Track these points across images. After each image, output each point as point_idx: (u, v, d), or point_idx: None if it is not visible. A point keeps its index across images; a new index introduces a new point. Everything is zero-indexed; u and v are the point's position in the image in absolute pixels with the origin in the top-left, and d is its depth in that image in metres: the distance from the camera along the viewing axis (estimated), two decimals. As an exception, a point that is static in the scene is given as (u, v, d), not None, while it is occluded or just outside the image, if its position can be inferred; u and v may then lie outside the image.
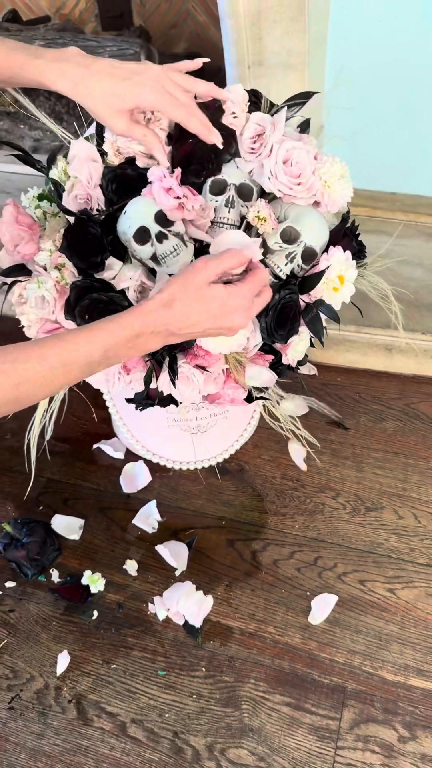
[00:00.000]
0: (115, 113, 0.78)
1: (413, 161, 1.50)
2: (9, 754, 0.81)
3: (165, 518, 1.05)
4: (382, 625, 0.92)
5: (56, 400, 0.92)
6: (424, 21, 1.30)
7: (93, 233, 0.86)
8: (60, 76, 0.77)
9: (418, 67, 1.36)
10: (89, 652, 0.89)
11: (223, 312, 0.70)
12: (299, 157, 0.85)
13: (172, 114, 0.78)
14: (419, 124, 1.44)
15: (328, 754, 0.80)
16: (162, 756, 0.80)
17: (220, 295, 0.69)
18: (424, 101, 1.41)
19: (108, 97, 0.77)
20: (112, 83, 0.76)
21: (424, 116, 1.43)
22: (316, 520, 1.04)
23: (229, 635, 0.91)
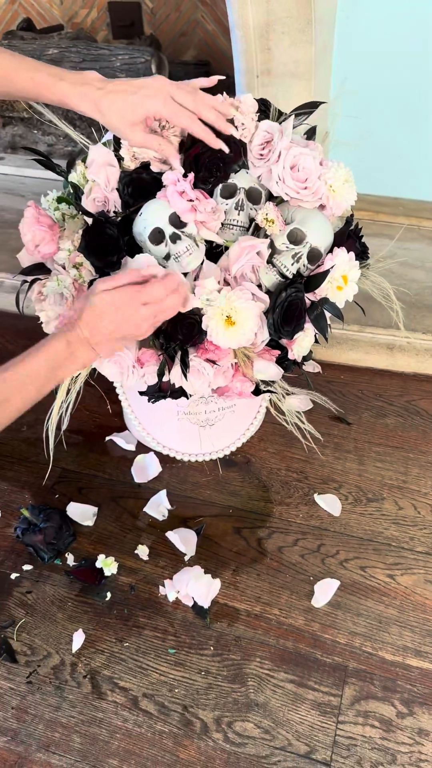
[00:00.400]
0: (130, 126, 0.85)
1: (416, 167, 1.55)
2: (28, 725, 0.86)
3: (174, 507, 1.09)
4: (382, 608, 0.96)
5: (72, 392, 0.97)
6: (426, 32, 1.35)
7: (110, 234, 0.91)
8: (82, 98, 0.85)
9: (420, 76, 1.41)
10: (103, 631, 0.94)
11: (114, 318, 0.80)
12: (306, 163, 0.90)
13: (176, 120, 0.85)
14: (422, 131, 1.49)
15: (330, 728, 0.85)
16: (172, 728, 0.85)
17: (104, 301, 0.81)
18: (426, 109, 1.46)
19: (122, 112, 0.85)
20: (124, 99, 0.84)
21: (426, 123, 1.48)
22: (319, 509, 1.09)
23: (236, 616, 0.95)
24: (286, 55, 1.25)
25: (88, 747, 0.83)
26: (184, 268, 0.89)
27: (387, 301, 1.00)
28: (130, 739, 0.84)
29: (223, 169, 0.91)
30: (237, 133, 0.92)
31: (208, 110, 0.85)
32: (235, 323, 0.87)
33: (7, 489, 1.13)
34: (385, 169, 1.55)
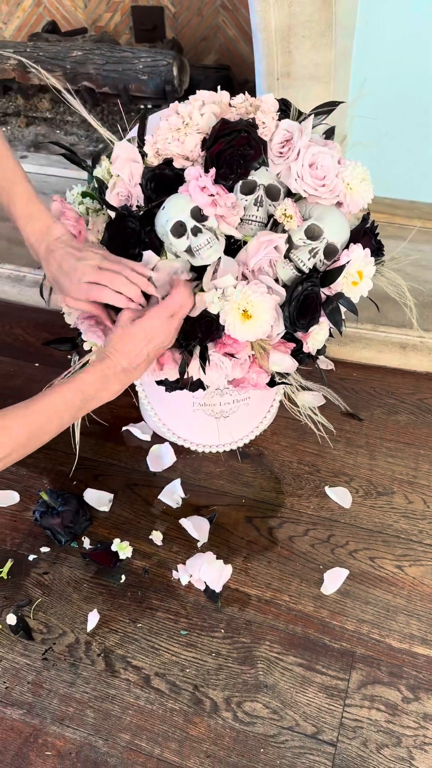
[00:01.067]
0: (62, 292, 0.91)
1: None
2: (43, 699, 0.88)
3: (188, 495, 1.12)
4: (390, 597, 0.98)
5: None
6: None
7: (132, 227, 0.94)
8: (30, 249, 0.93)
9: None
10: (117, 612, 0.96)
11: (148, 337, 0.86)
12: (324, 161, 0.93)
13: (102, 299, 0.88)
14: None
15: (337, 711, 0.87)
16: (183, 706, 0.87)
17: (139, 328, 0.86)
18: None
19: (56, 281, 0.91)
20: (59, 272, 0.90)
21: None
22: (330, 502, 1.11)
23: (247, 601, 0.98)
24: (307, 58, 1.28)
25: (101, 722, 0.86)
26: (205, 260, 0.92)
27: (401, 297, 1.02)
28: (142, 716, 0.87)
29: (243, 166, 0.94)
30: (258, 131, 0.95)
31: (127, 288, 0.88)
32: (251, 316, 0.90)
33: (26, 474, 1.16)
34: (402, 172, 1.58)
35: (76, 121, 2.06)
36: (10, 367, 1.36)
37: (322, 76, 1.33)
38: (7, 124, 2.10)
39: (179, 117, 0.95)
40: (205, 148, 0.94)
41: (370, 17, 1.36)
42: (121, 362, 0.86)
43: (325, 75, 1.33)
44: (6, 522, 1.08)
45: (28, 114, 2.11)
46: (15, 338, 1.44)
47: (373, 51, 1.40)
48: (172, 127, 0.95)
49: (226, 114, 0.98)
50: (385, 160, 1.43)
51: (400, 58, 1.41)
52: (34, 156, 1.91)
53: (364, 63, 1.40)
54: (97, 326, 1.01)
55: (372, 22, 1.38)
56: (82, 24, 2.36)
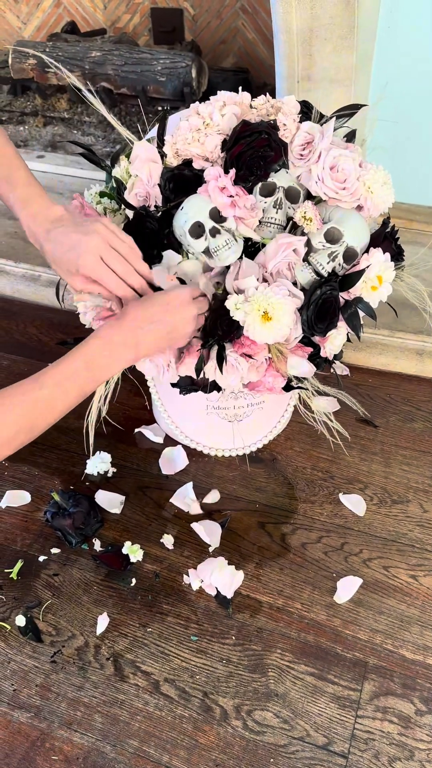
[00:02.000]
0: (67, 274, 0.85)
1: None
2: (51, 702, 0.87)
3: (200, 499, 1.11)
4: (404, 608, 0.97)
5: (110, 384, 1.00)
6: (467, 43, 1.36)
7: (150, 228, 0.94)
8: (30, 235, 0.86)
9: (459, 87, 1.42)
10: (127, 616, 0.95)
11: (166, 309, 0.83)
12: (345, 164, 0.91)
13: (104, 283, 0.85)
14: (458, 141, 1.50)
15: (348, 722, 0.85)
16: (192, 713, 0.86)
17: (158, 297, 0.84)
18: (463, 119, 1.46)
19: (59, 263, 0.85)
20: (61, 252, 0.83)
21: (463, 134, 1.49)
22: (344, 509, 1.10)
23: (258, 608, 0.96)
24: (328, 61, 1.27)
25: (109, 727, 0.85)
26: (223, 261, 0.91)
27: (421, 303, 1.01)
28: (151, 722, 0.85)
29: (263, 168, 0.93)
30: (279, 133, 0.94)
31: (133, 278, 0.85)
32: (271, 318, 0.89)
33: (37, 475, 1.15)
34: (421, 178, 1.56)
35: (93, 121, 2.06)
36: (23, 367, 1.36)
37: (342, 80, 1.32)
38: (24, 123, 2.10)
39: (200, 117, 0.94)
40: (225, 149, 0.93)
41: (392, 20, 1.35)
42: (131, 328, 0.80)
43: (346, 78, 1.32)
44: (17, 522, 1.08)
45: (45, 114, 2.11)
46: (29, 338, 1.44)
47: (394, 55, 1.39)
48: (193, 127, 0.94)
49: (247, 115, 0.97)
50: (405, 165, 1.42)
51: (421, 62, 1.40)
52: (51, 156, 1.91)
53: (385, 67, 1.39)
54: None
55: (394, 25, 1.37)
56: (102, 25, 2.37)
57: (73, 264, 0.83)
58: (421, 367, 1.33)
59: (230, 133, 0.93)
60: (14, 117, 2.13)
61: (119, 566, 1.00)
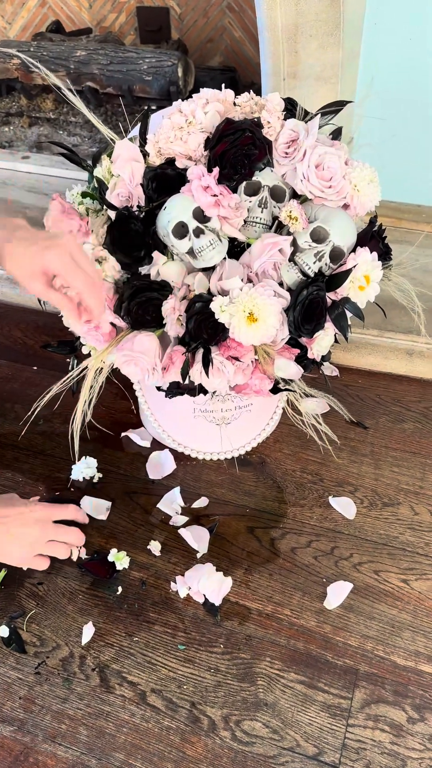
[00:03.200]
0: (29, 275, 0.82)
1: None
2: (34, 715, 0.85)
3: (188, 504, 1.09)
4: (395, 613, 0.95)
5: (95, 389, 0.98)
6: (454, 39, 1.35)
7: (135, 229, 0.92)
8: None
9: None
10: (113, 625, 0.93)
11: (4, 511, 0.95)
12: (331, 162, 0.90)
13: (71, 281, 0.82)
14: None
15: (339, 731, 0.84)
16: (179, 724, 0.84)
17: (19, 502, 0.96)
18: (451, 116, 1.45)
19: (20, 260, 0.82)
20: (25, 248, 0.81)
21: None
22: (334, 512, 1.08)
23: (247, 615, 0.94)
24: (313, 58, 1.25)
25: (95, 740, 0.83)
26: (207, 262, 0.89)
27: (409, 302, 1.00)
28: (137, 734, 0.83)
29: (247, 167, 0.91)
30: (263, 131, 0.92)
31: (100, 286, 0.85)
32: (257, 320, 0.87)
33: (21, 481, 1.13)
34: (409, 176, 1.55)
35: (80, 122, 2.04)
36: (7, 371, 1.34)
37: (329, 77, 1.30)
38: (9, 124, 2.07)
39: (182, 115, 0.92)
40: (208, 148, 0.91)
41: (379, 17, 1.34)
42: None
43: (332, 76, 1.31)
44: (0, 530, 1.05)
45: (31, 114, 2.09)
46: (14, 341, 1.42)
47: (381, 52, 1.38)
48: (175, 125, 0.92)
49: (231, 113, 0.95)
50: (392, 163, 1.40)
51: (409, 59, 1.38)
52: (36, 156, 1.89)
53: (372, 64, 1.38)
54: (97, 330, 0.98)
55: (381, 22, 1.35)
56: (87, 24, 2.35)
57: (38, 262, 0.80)
58: (411, 367, 1.32)
59: (213, 131, 0.91)
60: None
61: (105, 574, 0.98)
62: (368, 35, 1.35)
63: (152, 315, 0.91)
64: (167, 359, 0.93)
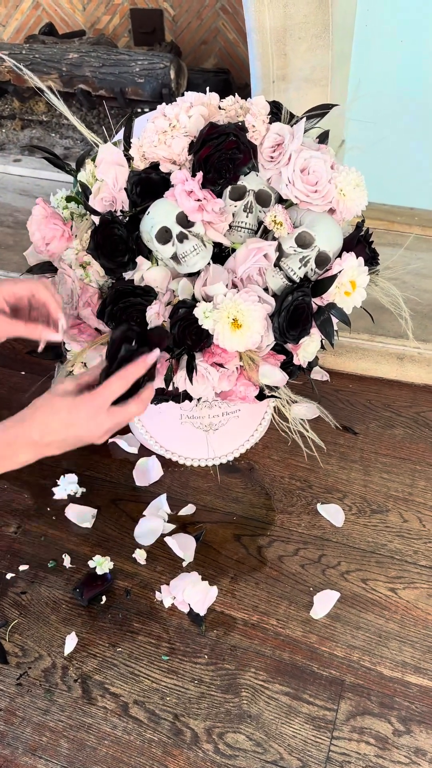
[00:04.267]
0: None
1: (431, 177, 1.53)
2: (15, 728, 0.84)
3: (174, 511, 1.08)
4: (382, 622, 0.94)
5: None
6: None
7: (119, 234, 0.91)
8: None
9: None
10: (96, 635, 0.92)
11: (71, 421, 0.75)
12: (316, 166, 0.89)
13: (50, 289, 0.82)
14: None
15: (324, 744, 0.82)
16: (162, 737, 0.83)
17: (65, 407, 0.76)
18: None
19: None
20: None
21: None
22: (322, 519, 1.07)
23: (232, 625, 0.93)
24: (303, 60, 1.24)
25: (75, 753, 0.82)
26: (191, 267, 0.88)
27: (396, 308, 0.98)
28: (119, 747, 0.82)
29: (232, 171, 0.90)
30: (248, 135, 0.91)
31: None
32: (241, 326, 0.86)
33: (6, 488, 1.12)
34: (400, 178, 1.54)
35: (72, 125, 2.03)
36: (-5, 376, 1.33)
37: (318, 80, 1.29)
38: (2, 126, 2.07)
39: (166, 119, 0.91)
40: (192, 152, 0.90)
41: (370, 19, 1.33)
42: (32, 433, 0.76)
43: (322, 78, 1.30)
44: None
45: (23, 117, 2.08)
46: (2, 346, 1.40)
47: (372, 54, 1.37)
48: (159, 129, 0.91)
49: (215, 117, 0.94)
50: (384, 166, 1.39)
51: (400, 61, 1.37)
52: (28, 159, 1.88)
53: (363, 66, 1.37)
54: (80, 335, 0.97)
55: (372, 24, 1.34)
56: (81, 26, 2.34)
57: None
58: (402, 371, 1.30)
59: (197, 135, 0.90)
60: (-9, 120, 2.10)
61: (101, 586, 0.96)
62: (359, 37, 1.34)
63: (136, 320, 0.90)
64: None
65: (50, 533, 1.04)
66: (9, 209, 1.69)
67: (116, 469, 1.15)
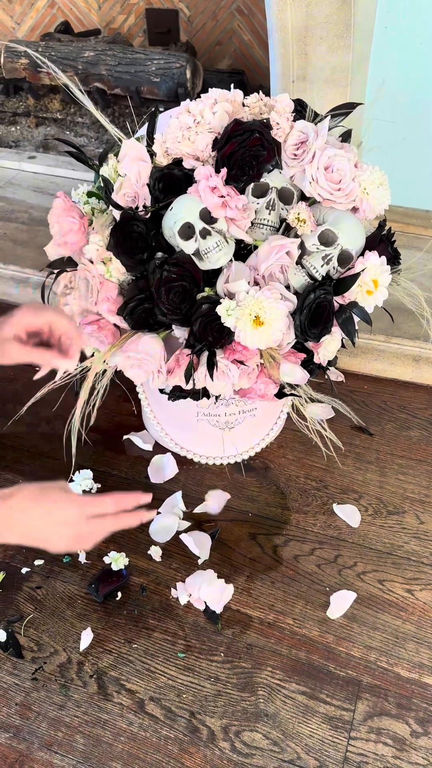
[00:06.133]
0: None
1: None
2: (31, 722, 0.84)
3: (190, 509, 1.07)
4: (399, 623, 0.93)
5: (99, 392, 0.97)
6: (465, 44, 1.33)
7: (138, 231, 0.90)
8: None
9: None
10: (112, 631, 0.92)
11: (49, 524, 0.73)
12: (340, 164, 0.88)
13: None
14: (456, 144, 1.47)
15: (341, 744, 0.82)
16: (178, 734, 0.83)
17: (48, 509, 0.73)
18: (462, 121, 1.44)
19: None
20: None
21: (461, 136, 1.46)
22: (338, 520, 1.06)
23: (248, 624, 0.93)
24: (323, 60, 1.24)
25: (91, 748, 0.81)
26: (214, 264, 0.88)
27: (418, 308, 0.98)
28: (135, 743, 0.82)
29: (255, 168, 0.90)
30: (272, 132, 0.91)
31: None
32: (263, 323, 0.85)
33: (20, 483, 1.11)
34: (418, 181, 1.53)
35: (86, 122, 2.03)
36: (10, 372, 1.33)
37: (338, 80, 1.29)
38: (16, 124, 2.07)
39: (190, 115, 0.91)
40: (216, 149, 0.90)
41: (390, 21, 1.33)
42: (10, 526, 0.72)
43: (342, 79, 1.29)
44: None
45: (38, 114, 2.08)
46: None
47: (391, 55, 1.36)
48: (183, 125, 0.91)
49: (239, 114, 0.94)
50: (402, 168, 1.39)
51: (419, 62, 1.37)
52: (43, 156, 1.88)
53: (382, 67, 1.37)
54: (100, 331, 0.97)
55: (391, 25, 1.34)
56: (96, 26, 2.34)
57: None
58: (418, 373, 1.30)
59: (221, 132, 0.90)
60: (6, 117, 2.10)
61: (118, 582, 0.96)
62: (378, 38, 1.34)
63: (154, 319, 0.90)
64: (173, 362, 0.92)
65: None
66: (24, 206, 1.70)
67: (131, 466, 1.15)
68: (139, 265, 0.93)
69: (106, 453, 1.16)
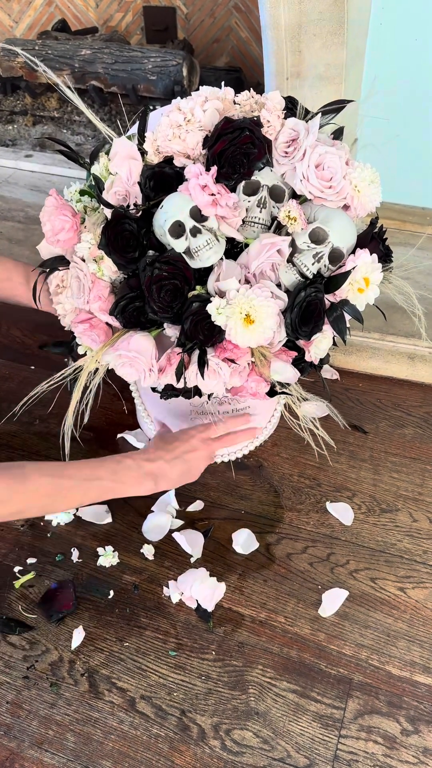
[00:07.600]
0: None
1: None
2: (22, 720, 0.84)
3: (183, 507, 1.07)
4: (390, 621, 0.93)
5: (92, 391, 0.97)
6: (460, 40, 1.33)
7: (129, 230, 0.90)
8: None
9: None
10: (103, 630, 0.92)
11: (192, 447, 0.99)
12: (331, 162, 0.88)
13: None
14: (452, 141, 1.47)
15: (331, 742, 0.82)
16: (168, 732, 0.83)
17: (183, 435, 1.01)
18: (457, 118, 1.43)
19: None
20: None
21: (457, 133, 1.46)
22: (331, 518, 1.06)
23: (240, 622, 0.93)
24: (317, 57, 1.24)
25: (82, 747, 0.82)
26: (204, 262, 0.88)
27: (409, 306, 0.98)
28: (125, 741, 0.82)
29: (246, 166, 0.90)
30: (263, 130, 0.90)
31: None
32: (254, 321, 0.85)
33: (15, 481, 1.11)
34: (413, 178, 1.53)
35: (83, 120, 2.04)
36: (5, 370, 1.33)
37: (333, 77, 1.29)
38: (13, 122, 2.07)
39: (181, 113, 0.91)
40: (206, 146, 0.90)
41: (385, 17, 1.33)
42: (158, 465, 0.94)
43: (337, 76, 1.29)
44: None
45: (35, 113, 2.08)
46: (12, 340, 1.41)
47: (386, 52, 1.36)
48: (173, 123, 0.91)
49: (230, 111, 0.94)
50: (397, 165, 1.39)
51: (414, 59, 1.37)
52: (39, 155, 1.89)
53: (377, 64, 1.36)
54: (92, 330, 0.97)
55: (386, 22, 1.34)
56: (94, 23, 2.34)
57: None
58: (413, 371, 1.30)
59: (212, 130, 0.89)
60: (3, 116, 2.10)
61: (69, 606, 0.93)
62: (373, 35, 1.34)
63: (145, 317, 0.90)
64: (165, 360, 0.92)
65: (58, 527, 1.04)
66: (20, 204, 1.70)
67: (125, 465, 1.14)
68: (131, 263, 0.93)
69: (100, 452, 1.16)
